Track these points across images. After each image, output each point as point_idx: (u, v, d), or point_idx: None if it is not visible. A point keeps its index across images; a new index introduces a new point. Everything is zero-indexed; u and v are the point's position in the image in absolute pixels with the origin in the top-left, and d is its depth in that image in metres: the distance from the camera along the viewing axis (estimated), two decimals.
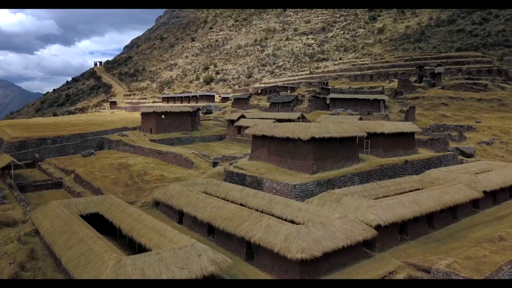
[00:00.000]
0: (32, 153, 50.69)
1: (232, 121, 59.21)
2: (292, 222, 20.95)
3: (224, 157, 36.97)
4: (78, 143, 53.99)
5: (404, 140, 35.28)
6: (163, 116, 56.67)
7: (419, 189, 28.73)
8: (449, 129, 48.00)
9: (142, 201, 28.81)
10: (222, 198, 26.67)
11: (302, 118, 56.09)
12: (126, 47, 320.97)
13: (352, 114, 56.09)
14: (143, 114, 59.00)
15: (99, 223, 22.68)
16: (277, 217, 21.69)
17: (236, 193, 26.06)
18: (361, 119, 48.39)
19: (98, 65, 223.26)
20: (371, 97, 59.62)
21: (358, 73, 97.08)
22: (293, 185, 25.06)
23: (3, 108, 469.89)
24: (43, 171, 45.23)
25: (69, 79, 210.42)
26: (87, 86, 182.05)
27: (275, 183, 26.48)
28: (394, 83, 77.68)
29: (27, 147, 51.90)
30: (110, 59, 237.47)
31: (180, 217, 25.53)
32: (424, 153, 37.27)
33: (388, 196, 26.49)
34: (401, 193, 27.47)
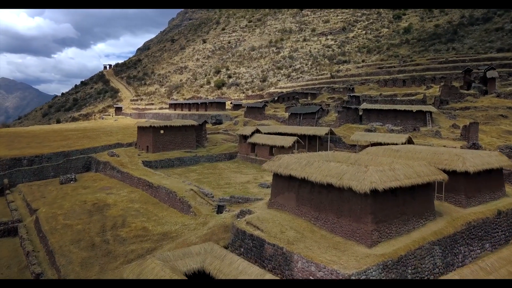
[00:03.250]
0: (2, 177, 41.82)
1: (244, 137, 49.34)
2: None
3: (233, 198, 26.97)
4: (60, 164, 44.92)
5: (490, 179, 24.60)
6: (162, 132, 47.18)
7: None
8: None
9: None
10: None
11: (331, 134, 45.84)
12: (139, 49, 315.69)
13: (393, 130, 45.41)
14: (139, 128, 49.58)
15: None
16: None
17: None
18: (410, 139, 37.72)
19: (107, 68, 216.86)
20: (414, 108, 48.76)
21: (388, 77, 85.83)
22: (347, 275, 14.85)
23: (21, 110, 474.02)
24: (7, 203, 36.17)
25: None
26: (95, 90, 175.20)
27: (314, 265, 16.28)
28: (434, 89, 66.44)
29: None
30: (123, 61, 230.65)
31: None
32: None
33: None
34: None
